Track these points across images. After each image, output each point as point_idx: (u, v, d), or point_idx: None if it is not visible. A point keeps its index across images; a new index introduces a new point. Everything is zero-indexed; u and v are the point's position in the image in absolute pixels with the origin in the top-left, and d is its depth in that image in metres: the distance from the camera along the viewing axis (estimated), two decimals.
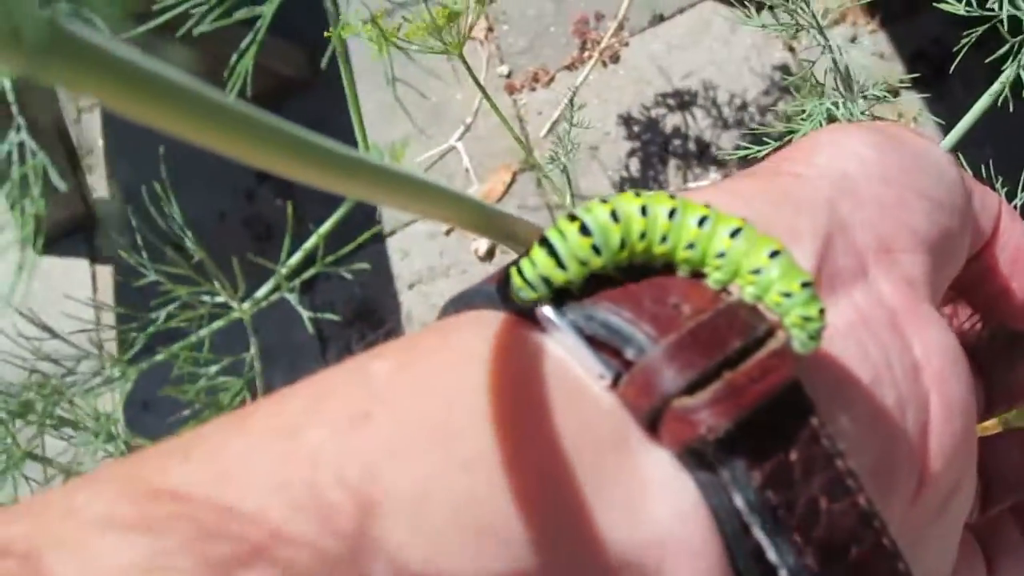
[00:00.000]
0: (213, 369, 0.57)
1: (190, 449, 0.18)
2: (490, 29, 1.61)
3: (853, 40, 1.43)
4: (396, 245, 1.53)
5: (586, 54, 1.55)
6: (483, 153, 1.52)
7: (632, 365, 0.18)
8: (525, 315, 0.20)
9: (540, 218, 1.45)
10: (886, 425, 0.21)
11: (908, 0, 1.43)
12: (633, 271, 0.20)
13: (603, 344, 0.19)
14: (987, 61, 0.61)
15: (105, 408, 0.59)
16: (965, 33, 0.62)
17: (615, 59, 1.54)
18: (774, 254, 0.19)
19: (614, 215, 0.19)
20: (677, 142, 1.46)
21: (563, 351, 0.19)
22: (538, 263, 0.19)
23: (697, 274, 0.20)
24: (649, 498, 0.18)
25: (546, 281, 0.19)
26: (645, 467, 0.18)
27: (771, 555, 0.18)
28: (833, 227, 0.22)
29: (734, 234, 0.20)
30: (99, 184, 1.70)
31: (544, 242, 0.19)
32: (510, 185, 1.51)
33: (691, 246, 0.20)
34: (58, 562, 0.15)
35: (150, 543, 0.15)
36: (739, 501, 0.18)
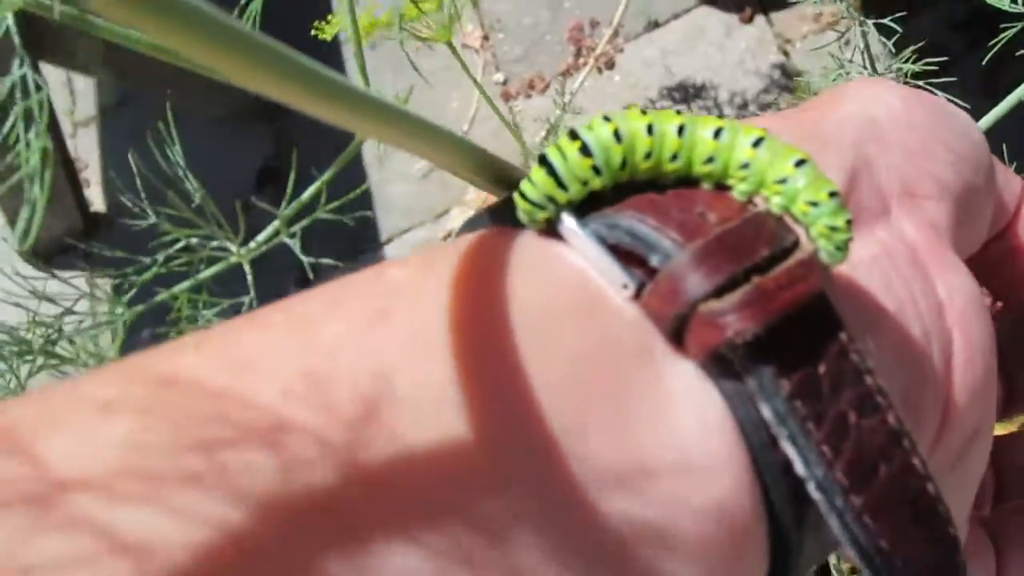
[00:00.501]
0: (212, 312, 0.56)
1: (202, 342, 0.17)
2: (485, 37, 1.62)
3: (847, 43, 1.44)
4: (393, 252, 1.53)
5: (581, 60, 1.55)
6: None
7: (657, 273, 0.18)
8: (546, 229, 0.19)
9: None
10: (912, 353, 0.21)
11: (902, 2, 1.44)
12: (633, 188, 0.19)
13: (627, 254, 0.18)
14: (1019, 54, 0.61)
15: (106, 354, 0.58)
16: (1003, 25, 0.63)
17: (610, 65, 1.54)
18: (800, 163, 0.19)
19: (617, 135, 0.19)
20: None
21: (584, 262, 0.19)
22: (538, 183, 0.19)
23: (721, 187, 0.20)
24: (673, 410, 0.18)
25: (551, 200, 0.19)
26: (669, 379, 0.18)
27: (799, 468, 0.18)
28: (859, 164, 0.22)
29: (756, 144, 0.19)
30: (96, 197, 1.70)
31: (544, 161, 0.19)
32: None
33: (711, 160, 0.19)
34: (40, 438, 0.15)
35: (137, 422, 0.15)
36: (766, 411, 0.18)
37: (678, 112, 0.20)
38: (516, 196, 0.19)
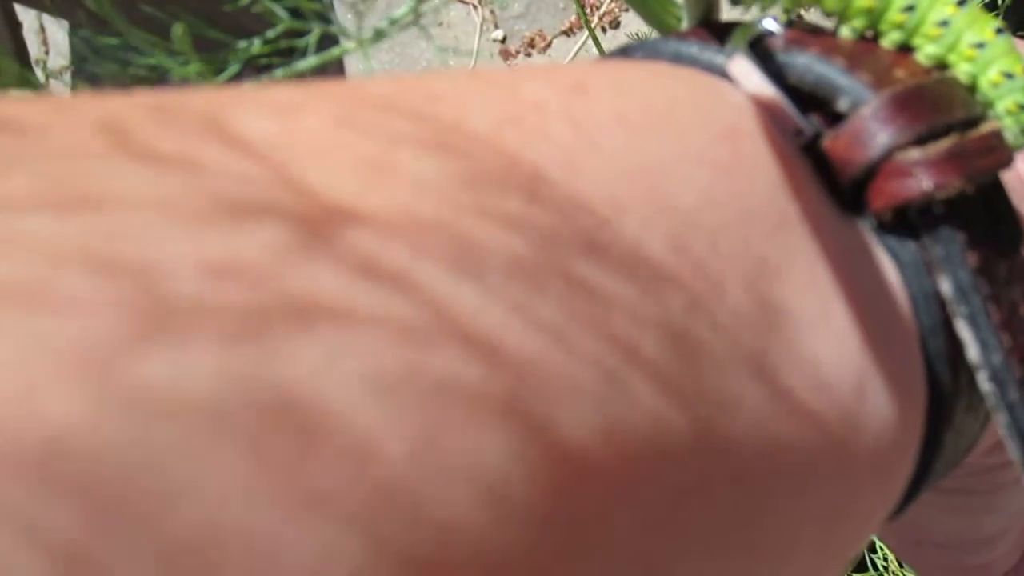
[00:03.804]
0: None
1: (381, 78, 0.15)
2: None
3: None
4: None
5: (586, 18, 1.49)
6: None
7: (840, 120, 0.17)
8: (708, 66, 0.18)
9: None
10: None
11: None
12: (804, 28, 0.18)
13: (804, 98, 0.17)
14: None
15: None
16: None
17: (615, 24, 1.48)
18: (999, 31, 0.18)
19: None
20: None
21: (752, 104, 0.17)
22: None
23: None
24: (857, 268, 0.16)
25: None
26: (848, 234, 0.17)
27: (973, 353, 0.16)
28: None
29: (961, 2, 0.18)
30: None
31: None
32: None
33: (910, 8, 0.18)
34: (259, 131, 0.12)
35: (377, 136, 0.12)
36: (947, 285, 0.16)
37: None
38: None
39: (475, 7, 1.53)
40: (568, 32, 1.49)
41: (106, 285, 0.09)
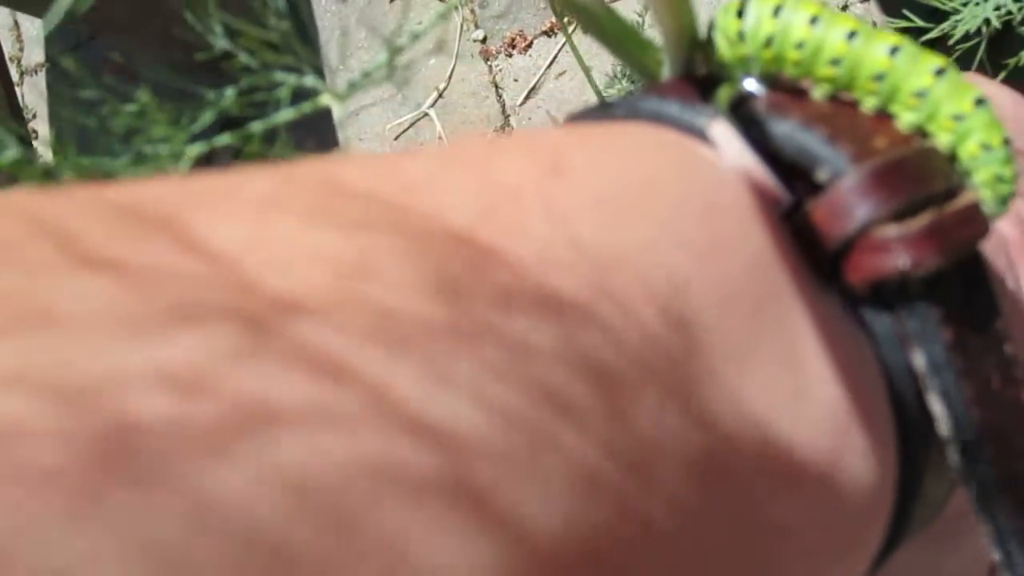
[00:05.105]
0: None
1: (353, 159, 0.15)
2: None
3: (845, 8, 1.37)
4: None
5: (566, 19, 1.48)
6: (457, 121, 1.45)
7: (820, 190, 0.17)
8: (688, 127, 0.18)
9: None
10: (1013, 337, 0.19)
11: None
12: (783, 89, 0.18)
13: (785, 166, 0.17)
14: None
15: None
16: None
17: None
18: (979, 102, 0.17)
19: (776, 11, 0.18)
20: None
21: (732, 172, 0.17)
22: (726, 27, 0.18)
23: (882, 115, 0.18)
24: (832, 342, 0.16)
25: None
26: (824, 307, 0.17)
27: (944, 427, 0.16)
28: None
29: (938, 73, 0.17)
30: (46, 151, 1.61)
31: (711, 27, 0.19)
32: None
33: (880, 78, 0.17)
34: (216, 234, 0.11)
35: (347, 232, 0.12)
36: (921, 359, 0.16)
37: (853, 18, 0.18)
38: (722, 15, 0.18)
39: (455, 7, 1.52)
40: (549, 32, 1.48)
41: (54, 410, 0.09)
